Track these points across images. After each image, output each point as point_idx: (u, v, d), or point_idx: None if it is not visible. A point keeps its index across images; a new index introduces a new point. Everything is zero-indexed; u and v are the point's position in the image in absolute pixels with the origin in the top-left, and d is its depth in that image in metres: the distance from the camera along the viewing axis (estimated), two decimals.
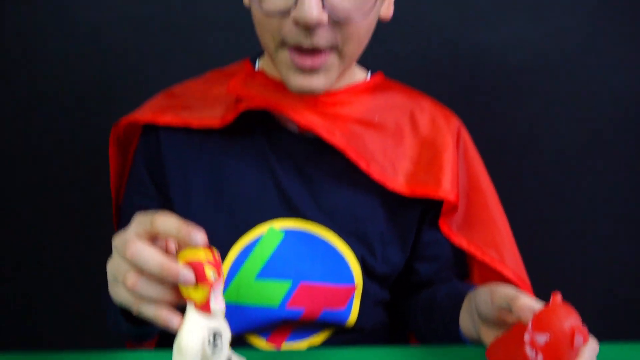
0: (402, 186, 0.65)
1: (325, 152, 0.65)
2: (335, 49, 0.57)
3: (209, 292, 0.43)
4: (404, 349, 0.57)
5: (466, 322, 0.59)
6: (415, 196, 0.65)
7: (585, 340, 0.45)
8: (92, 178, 1.01)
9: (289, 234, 0.65)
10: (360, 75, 0.70)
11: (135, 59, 0.96)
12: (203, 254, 0.43)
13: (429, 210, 0.69)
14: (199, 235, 0.42)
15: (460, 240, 0.68)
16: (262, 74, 0.67)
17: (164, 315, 0.43)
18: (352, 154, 0.63)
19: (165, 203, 0.68)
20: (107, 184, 0.74)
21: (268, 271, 0.64)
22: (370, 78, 0.70)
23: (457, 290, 0.65)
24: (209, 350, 0.43)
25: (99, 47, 0.96)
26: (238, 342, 0.65)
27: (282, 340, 0.66)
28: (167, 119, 0.66)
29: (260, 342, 0.66)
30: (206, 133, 0.66)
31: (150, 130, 0.68)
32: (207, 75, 0.73)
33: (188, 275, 0.42)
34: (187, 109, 0.67)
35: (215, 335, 0.44)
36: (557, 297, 0.47)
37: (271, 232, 0.64)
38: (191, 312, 0.43)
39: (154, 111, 0.67)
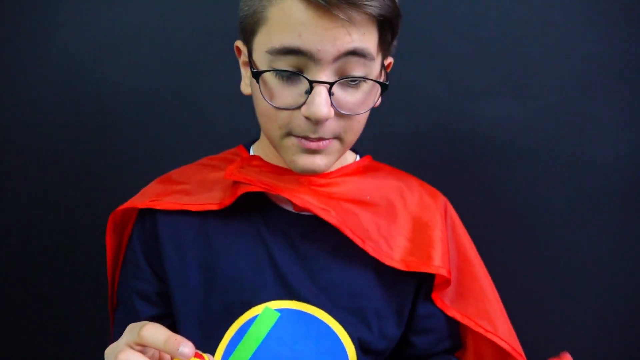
0: (398, 262, 0.66)
1: (320, 230, 0.67)
2: (338, 137, 0.62)
3: None
4: None
5: None
6: (410, 271, 0.67)
7: None
8: (84, 264, 1.01)
9: (284, 314, 0.65)
10: (350, 157, 0.74)
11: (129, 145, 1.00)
12: None
13: (423, 283, 0.70)
14: (187, 348, 0.44)
15: (454, 313, 0.69)
16: (258, 158, 0.70)
17: None
18: (348, 232, 0.65)
19: (161, 286, 0.69)
20: (100, 268, 0.74)
21: (262, 352, 0.63)
22: (360, 160, 0.74)
23: None
24: None
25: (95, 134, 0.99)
26: None
27: None
28: (166, 204, 0.68)
29: None
30: (203, 214, 0.68)
31: (147, 214, 0.69)
32: (202, 160, 0.75)
33: None
34: (185, 193, 0.69)
35: None
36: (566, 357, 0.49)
37: (267, 311, 0.64)
38: None
39: (153, 199, 0.69)
